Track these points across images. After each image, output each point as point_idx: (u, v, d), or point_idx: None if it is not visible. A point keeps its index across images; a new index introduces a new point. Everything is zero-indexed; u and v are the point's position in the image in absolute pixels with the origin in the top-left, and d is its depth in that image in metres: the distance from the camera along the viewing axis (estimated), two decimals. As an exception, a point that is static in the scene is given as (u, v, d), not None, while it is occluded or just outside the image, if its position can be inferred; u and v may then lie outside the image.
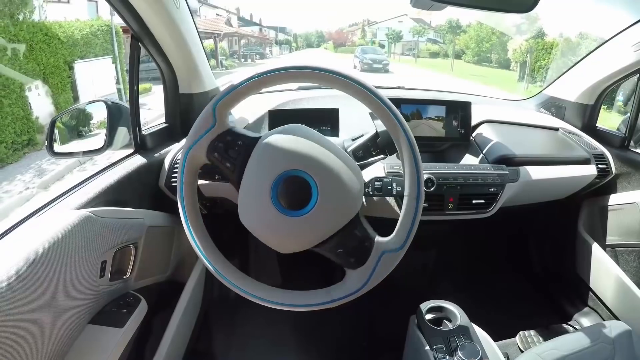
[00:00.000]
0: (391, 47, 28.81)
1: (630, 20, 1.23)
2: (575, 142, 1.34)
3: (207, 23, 21.13)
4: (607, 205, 1.39)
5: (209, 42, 18.98)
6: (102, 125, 1.01)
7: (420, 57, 26.30)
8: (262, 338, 1.45)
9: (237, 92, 0.68)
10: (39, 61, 6.11)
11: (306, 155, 0.66)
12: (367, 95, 0.68)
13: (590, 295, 1.45)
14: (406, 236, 0.68)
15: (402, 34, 28.67)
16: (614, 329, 0.99)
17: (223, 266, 0.71)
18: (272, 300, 0.69)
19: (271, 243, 0.68)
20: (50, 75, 6.27)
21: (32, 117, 5.51)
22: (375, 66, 16.89)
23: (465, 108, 1.20)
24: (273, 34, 38.48)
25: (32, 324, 0.62)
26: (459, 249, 1.83)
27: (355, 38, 37.45)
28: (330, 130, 1.13)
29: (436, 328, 0.98)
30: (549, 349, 0.94)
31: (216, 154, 0.69)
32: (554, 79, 1.62)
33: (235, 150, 0.69)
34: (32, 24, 5.96)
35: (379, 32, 31.21)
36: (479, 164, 1.16)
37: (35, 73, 6.02)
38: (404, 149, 0.68)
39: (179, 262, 1.19)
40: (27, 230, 0.72)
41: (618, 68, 1.29)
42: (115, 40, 8.20)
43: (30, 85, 5.73)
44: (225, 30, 21.38)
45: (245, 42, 27.65)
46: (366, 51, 18.87)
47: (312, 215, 0.64)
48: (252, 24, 36.13)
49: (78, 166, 4.38)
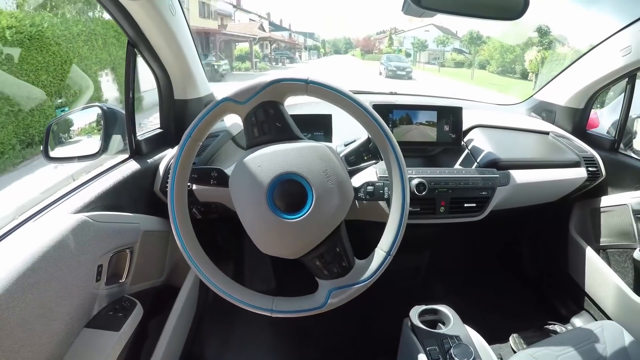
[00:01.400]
0: (416, 56, 29.03)
1: (619, 26, 1.26)
2: (566, 145, 1.36)
3: (243, 27, 23.03)
4: (598, 207, 1.41)
5: (243, 45, 21.67)
6: (83, 132, 1.02)
7: (445, 67, 26.56)
8: (256, 342, 1.45)
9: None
10: (110, 52, 7.32)
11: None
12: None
13: (582, 296, 1.47)
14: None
15: (427, 43, 29.08)
16: (606, 329, 1.01)
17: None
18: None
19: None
20: (118, 66, 7.37)
21: (102, 99, 6.64)
22: (399, 73, 17.79)
23: (457, 113, 1.22)
24: (302, 39, 39.20)
25: (29, 328, 0.62)
26: (451, 251, 1.84)
27: (382, 46, 37.61)
28: (323, 136, 1.14)
29: (430, 330, 0.99)
30: (542, 349, 0.95)
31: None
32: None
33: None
34: (104, 22, 7.23)
35: (406, 41, 31.58)
36: (470, 168, 1.18)
37: (106, 62, 7.25)
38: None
39: (173, 267, 1.19)
40: (24, 235, 0.72)
41: (607, 72, 1.32)
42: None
43: (102, 72, 7.06)
44: (259, 34, 23.10)
45: (275, 47, 28.42)
46: (391, 59, 19.88)
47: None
48: (282, 29, 36.93)
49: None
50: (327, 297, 0.68)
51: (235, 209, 0.69)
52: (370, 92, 1.67)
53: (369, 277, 0.69)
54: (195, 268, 0.69)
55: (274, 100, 0.69)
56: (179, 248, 0.69)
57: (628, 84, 1.33)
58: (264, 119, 0.68)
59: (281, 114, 0.70)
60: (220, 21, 22.11)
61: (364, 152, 0.78)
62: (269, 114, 0.68)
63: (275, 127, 0.69)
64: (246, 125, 0.70)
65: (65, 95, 5.59)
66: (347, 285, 0.68)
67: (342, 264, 0.69)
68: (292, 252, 0.68)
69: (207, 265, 0.70)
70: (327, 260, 0.68)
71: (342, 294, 0.68)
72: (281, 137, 0.69)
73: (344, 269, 0.69)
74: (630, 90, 1.34)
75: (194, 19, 17.84)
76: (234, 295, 0.68)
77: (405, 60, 21.53)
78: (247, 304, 0.68)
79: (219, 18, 22.21)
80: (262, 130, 0.69)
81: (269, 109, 0.68)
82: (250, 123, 0.69)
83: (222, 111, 0.69)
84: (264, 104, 0.68)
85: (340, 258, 0.69)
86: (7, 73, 4.54)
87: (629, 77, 1.31)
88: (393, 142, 0.69)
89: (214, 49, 18.83)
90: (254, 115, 0.68)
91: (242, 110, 0.68)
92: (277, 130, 0.69)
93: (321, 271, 0.70)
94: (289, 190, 0.65)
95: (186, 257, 0.69)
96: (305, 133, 0.74)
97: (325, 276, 0.69)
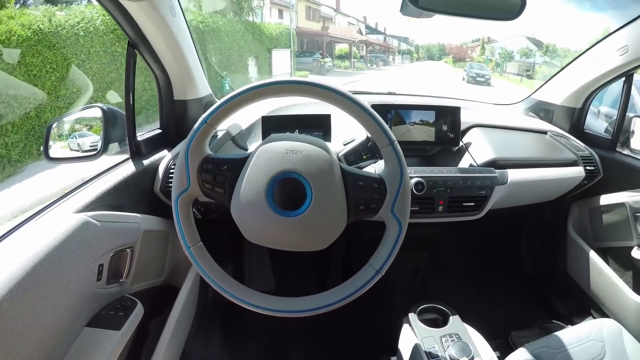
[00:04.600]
0: (503, 66, 29.06)
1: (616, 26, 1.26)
2: (563, 144, 1.37)
3: (343, 30, 25.64)
4: (596, 206, 1.42)
5: (343, 45, 24.39)
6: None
7: (533, 79, 25.96)
8: (256, 341, 1.45)
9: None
10: (255, 45, 11.68)
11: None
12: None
13: (580, 294, 1.47)
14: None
15: (514, 54, 29.25)
16: (604, 327, 1.01)
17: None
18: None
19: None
20: (259, 56, 11.82)
21: (249, 79, 10.28)
22: (479, 79, 19.39)
23: (455, 113, 1.23)
24: (396, 43, 39.76)
25: (31, 326, 0.63)
26: (450, 250, 1.85)
27: (474, 54, 37.35)
28: (322, 136, 1.15)
29: (429, 328, 0.99)
30: (541, 347, 0.96)
31: (207, 185, 0.69)
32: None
33: (222, 175, 0.69)
34: (248, 22, 11.70)
35: (497, 51, 31.70)
36: (469, 167, 1.18)
37: (253, 52, 11.62)
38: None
39: (173, 267, 1.20)
40: (26, 234, 0.73)
41: (604, 72, 1.32)
42: (292, 40, 14.35)
43: (250, 58, 11.43)
44: (358, 38, 25.54)
45: (370, 49, 30.10)
46: (473, 67, 21.79)
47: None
48: (377, 32, 37.62)
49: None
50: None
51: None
52: (368, 93, 1.68)
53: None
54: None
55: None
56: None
57: (625, 83, 1.34)
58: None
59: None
60: (322, 23, 25.17)
61: (363, 151, 0.79)
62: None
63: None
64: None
65: (228, 70, 9.76)
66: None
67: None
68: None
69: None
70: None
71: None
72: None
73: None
74: (627, 90, 1.35)
75: (301, 20, 21.59)
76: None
77: (486, 68, 22.99)
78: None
79: (322, 20, 25.25)
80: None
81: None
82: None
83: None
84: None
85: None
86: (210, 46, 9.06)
87: (626, 76, 1.32)
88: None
89: (320, 48, 21.52)
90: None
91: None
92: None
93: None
94: (288, 188, 0.66)
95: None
96: (305, 133, 0.74)
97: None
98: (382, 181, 0.69)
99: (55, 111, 4.83)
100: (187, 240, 0.69)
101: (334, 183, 0.67)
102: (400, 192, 0.68)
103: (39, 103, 4.46)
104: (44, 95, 4.66)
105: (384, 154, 0.70)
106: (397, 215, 0.68)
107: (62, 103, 4.89)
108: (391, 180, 0.69)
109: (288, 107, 1.29)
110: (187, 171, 0.68)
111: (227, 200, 0.68)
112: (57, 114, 4.73)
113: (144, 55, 1.04)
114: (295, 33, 15.02)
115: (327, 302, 0.68)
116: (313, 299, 0.69)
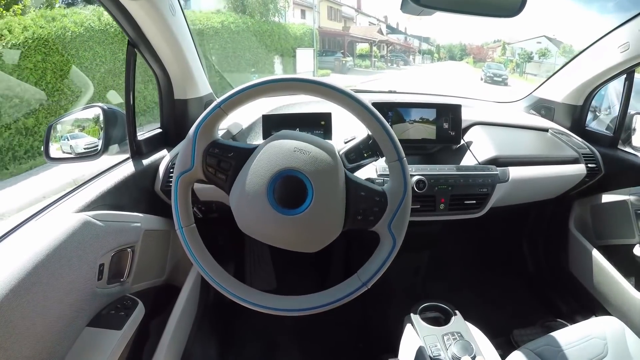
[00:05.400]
0: (523, 67, 29.11)
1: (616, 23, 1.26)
2: (565, 142, 1.37)
3: (364, 30, 26.08)
4: (597, 203, 1.41)
5: (363, 45, 25.37)
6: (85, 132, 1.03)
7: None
8: (257, 341, 1.45)
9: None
10: (281, 44, 12.88)
11: (309, 159, 0.67)
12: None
13: (583, 292, 1.47)
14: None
15: (533, 54, 29.32)
16: (606, 325, 1.01)
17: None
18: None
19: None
20: (285, 55, 13.05)
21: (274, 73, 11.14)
22: (496, 79, 19.91)
23: (456, 111, 1.22)
24: (417, 43, 40.08)
25: (31, 326, 0.63)
26: (452, 248, 1.84)
27: (495, 55, 37.26)
28: (323, 134, 1.15)
29: (431, 327, 0.99)
30: (543, 345, 0.95)
31: (210, 169, 0.69)
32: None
33: (227, 162, 0.69)
34: (273, 23, 12.99)
35: (517, 52, 31.74)
36: (470, 165, 1.18)
37: (278, 51, 12.62)
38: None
39: (174, 267, 1.20)
40: (26, 233, 0.73)
41: (605, 69, 1.32)
42: (314, 39, 15.25)
43: (276, 56, 12.47)
44: (378, 37, 26.14)
45: (391, 49, 30.39)
46: (491, 67, 22.35)
47: (301, 218, 0.65)
48: (398, 32, 37.91)
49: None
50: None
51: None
52: (369, 91, 1.67)
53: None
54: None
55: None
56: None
57: (626, 80, 1.34)
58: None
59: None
60: (344, 23, 25.43)
61: (364, 149, 0.78)
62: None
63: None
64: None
65: (256, 67, 10.88)
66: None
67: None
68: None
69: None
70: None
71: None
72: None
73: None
74: (629, 87, 1.34)
75: (323, 20, 22.10)
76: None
77: (503, 68, 23.41)
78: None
79: (343, 20, 25.53)
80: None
81: None
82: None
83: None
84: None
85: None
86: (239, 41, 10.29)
87: (627, 73, 1.31)
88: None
89: (341, 48, 22.13)
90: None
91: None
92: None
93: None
94: (289, 186, 0.66)
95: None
96: (306, 131, 0.74)
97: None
98: (384, 195, 0.70)
99: (101, 99, 5.23)
100: (181, 220, 0.69)
101: (336, 189, 0.67)
102: (401, 209, 0.69)
103: (90, 96, 4.70)
104: (92, 88, 4.99)
105: (390, 168, 0.70)
106: (393, 231, 0.69)
107: (106, 92, 5.27)
108: (393, 195, 0.69)
109: (289, 106, 1.29)
110: (192, 151, 0.68)
111: (228, 188, 0.69)
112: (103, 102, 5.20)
113: (144, 54, 1.04)
114: (318, 33, 15.88)
115: (307, 306, 0.68)
116: (295, 299, 0.69)
